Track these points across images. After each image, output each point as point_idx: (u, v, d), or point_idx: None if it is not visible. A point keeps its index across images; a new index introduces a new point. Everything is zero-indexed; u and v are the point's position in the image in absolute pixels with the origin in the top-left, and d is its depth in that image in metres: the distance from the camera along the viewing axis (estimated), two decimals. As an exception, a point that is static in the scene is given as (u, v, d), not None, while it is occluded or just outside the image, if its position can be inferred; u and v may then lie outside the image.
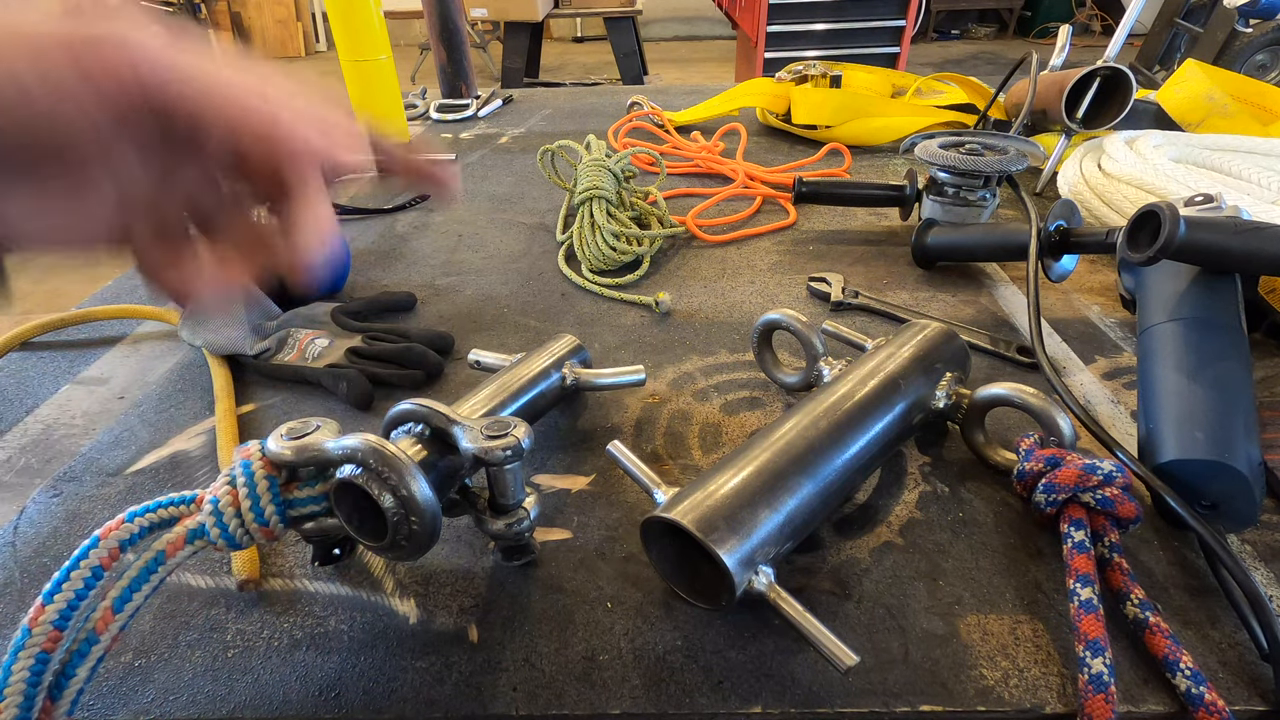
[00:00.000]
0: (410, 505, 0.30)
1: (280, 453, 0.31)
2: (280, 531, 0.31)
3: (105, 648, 0.30)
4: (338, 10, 0.93)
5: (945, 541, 0.38)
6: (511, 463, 0.33)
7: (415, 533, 0.30)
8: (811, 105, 0.98)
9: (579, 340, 0.47)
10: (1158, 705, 0.30)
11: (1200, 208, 0.49)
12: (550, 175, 0.76)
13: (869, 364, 0.42)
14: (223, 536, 0.30)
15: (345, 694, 0.31)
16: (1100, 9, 5.24)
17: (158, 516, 0.31)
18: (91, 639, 0.29)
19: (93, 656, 0.29)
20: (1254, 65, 2.73)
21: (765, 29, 2.71)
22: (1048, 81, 0.79)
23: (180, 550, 0.30)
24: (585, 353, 0.47)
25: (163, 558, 0.30)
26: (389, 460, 0.29)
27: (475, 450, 0.32)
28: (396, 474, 0.29)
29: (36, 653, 0.26)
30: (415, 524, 0.30)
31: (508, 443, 0.32)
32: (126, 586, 0.30)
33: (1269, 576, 0.36)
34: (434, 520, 0.30)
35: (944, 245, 0.64)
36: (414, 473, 0.30)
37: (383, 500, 0.30)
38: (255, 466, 0.31)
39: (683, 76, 5.00)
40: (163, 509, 0.31)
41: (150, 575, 0.30)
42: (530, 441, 0.33)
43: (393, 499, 0.30)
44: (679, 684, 0.31)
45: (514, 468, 0.34)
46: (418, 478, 0.30)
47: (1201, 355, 0.41)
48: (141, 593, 0.30)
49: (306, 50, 6.07)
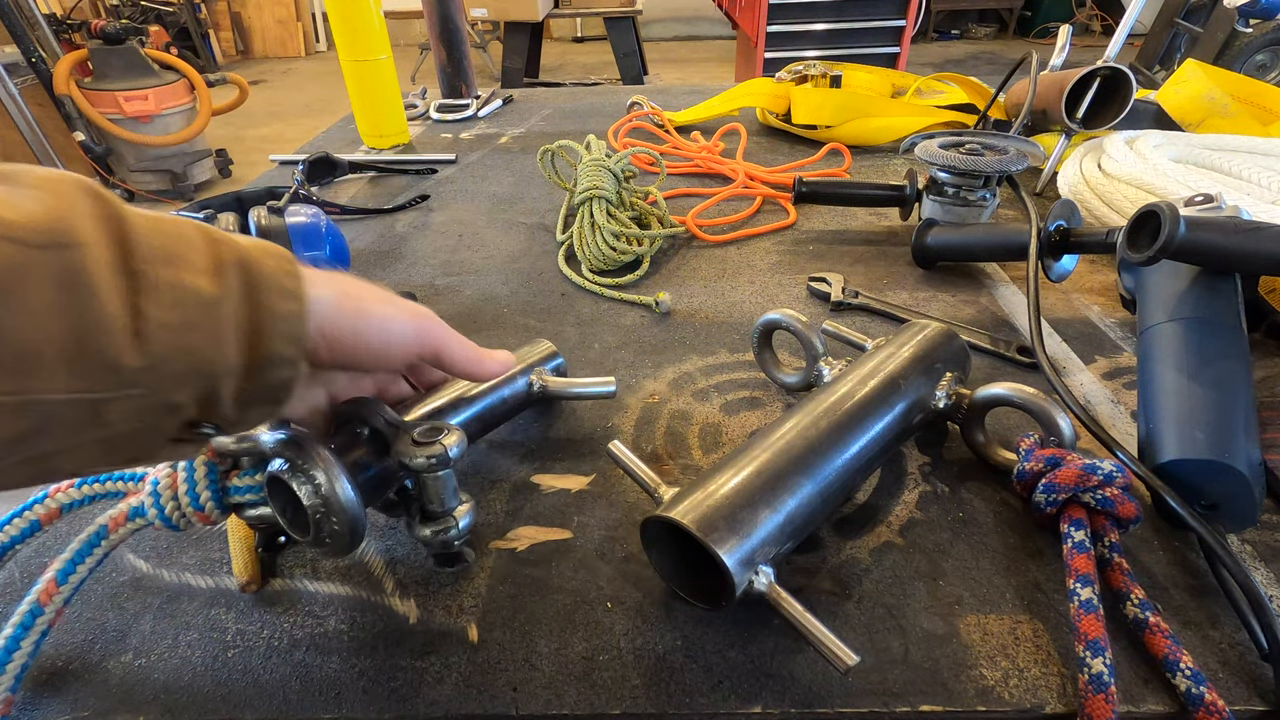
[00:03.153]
0: (331, 504, 0.29)
1: (223, 442, 0.32)
2: (217, 517, 0.32)
3: (50, 620, 0.30)
4: (338, 10, 0.93)
5: (945, 541, 0.38)
6: (436, 470, 0.32)
7: (336, 532, 0.30)
8: (811, 105, 0.98)
9: (556, 347, 0.47)
10: (1158, 705, 0.30)
11: (1200, 208, 0.49)
12: (550, 175, 0.76)
13: (869, 364, 0.42)
14: (160, 517, 0.31)
15: (345, 694, 0.31)
16: (1100, 9, 5.24)
17: (104, 489, 0.33)
18: (35, 610, 0.30)
19: (36, 628, 0.30)
20: (1254, 65, 2.73)
21: (765, 29, 2.71)
22: (1048, 81, 0.79)
23: (122, 526, 0.31)
24: (560, 359, 0.46)
25: (105, 531, 0.31)
26: (311, 457, 0.30)
27: (400, 456, 0.32)
28: (319, 471, 0.29)
29: None
30: (336, 523, 0.30)
31: (433, 451, 0.32)
32: (69, 559, 0.31)
33: (1269, 576, 0.36)
34: (354, 520, 0.30)
35: (944, 245, 0.64)
36: (337, 473, 0.29)
37: (304, 496, 0.30)
38: (196, 459, 0.32)
39: (683, 76, 5.00)
40: (111, 482, 0.33)
41: (93, 549, 0.31)
42: (460, 450, 0.32)
43: (314, 496, 0.30)
44: (679, 684, 0.31)
45: (443, 475, 0.33)
46: (340, 478, 0.29)
47: (1201, 355, 0.41)
48: (85, 565, 0.31)
49: (306, 50, 6.07)
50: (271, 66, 5.77)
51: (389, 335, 0.32)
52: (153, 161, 3.07)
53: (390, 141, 1.05)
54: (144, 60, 2.93)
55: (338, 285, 0.30)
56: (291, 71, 5.62)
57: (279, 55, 6.05)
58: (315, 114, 4.45)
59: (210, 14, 5.53)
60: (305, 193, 0.67)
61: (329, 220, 0.62)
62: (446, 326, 0.35)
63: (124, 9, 4.39)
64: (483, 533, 0.39)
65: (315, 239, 0.59)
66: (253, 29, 5.99)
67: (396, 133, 1.05)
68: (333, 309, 0.29)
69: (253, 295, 0.25)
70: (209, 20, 5.45)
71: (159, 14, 4.62)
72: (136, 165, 3.08)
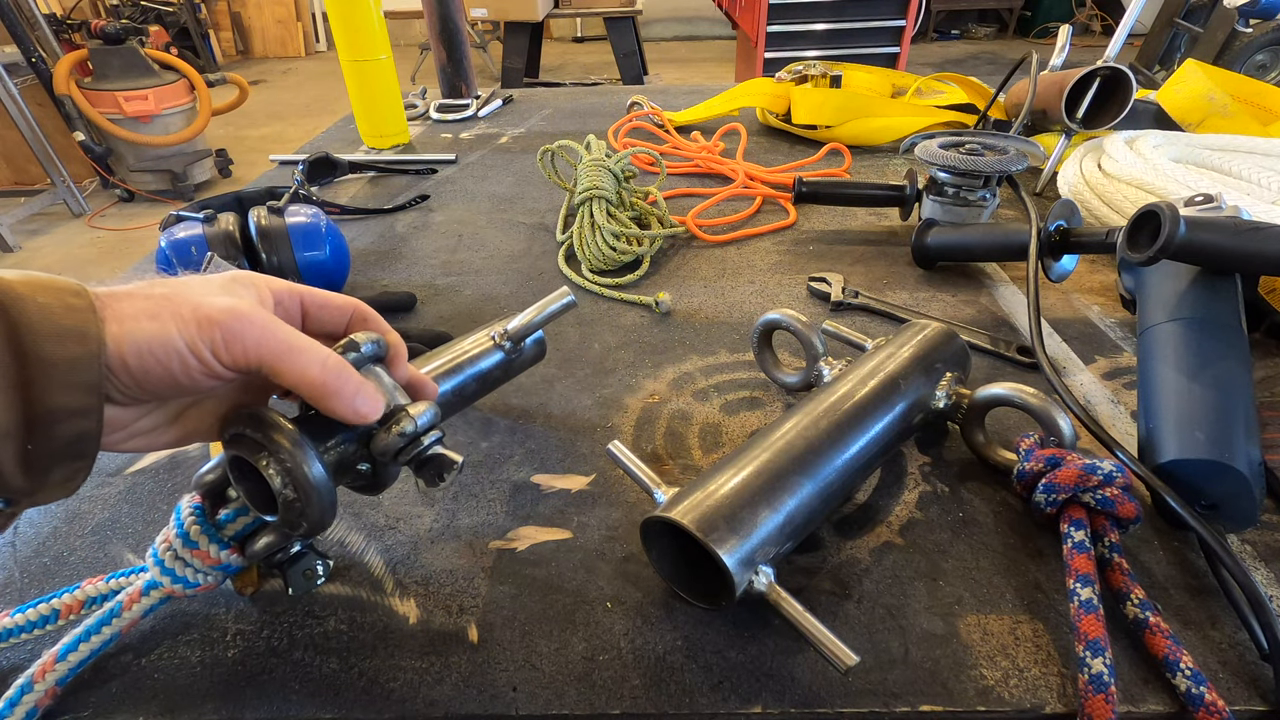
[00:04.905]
0: (298, 481, 0.27)
1: (201, 477, 0.31)
2: (225, 555, 0.31)
3: (37, 699, 0.28)
4: (338, 10, 0.93)
5: (945, 541, 0.38)
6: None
7: (304, 509, 0.28)
8: (811, 105, 0.98)
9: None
10: (1158, 705, 0.30)
11: (1200, 208, 0.49)
12: (550, 175, 0.76)
13: (869, 364, 0.42)
14: (175, 582, 0.31)
15: (345, 694, 0.31)
16: (1100, 9, 5.24)
17: (127, 582, 0.32)
18: (26, 686, 0.28)
19: (22, 706, 0.28)
20: (1254, 65, 2.73)
21: (765, 29, 2.70)
22: (1048, 81, 0.79)
23: (137, 602, 0.31)
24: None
25: (119, 609, 0.30)
26: (261, 424, 0.28)
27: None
28: (262, 433, 0.28)
29: None
30: (298, 499, 0.28)
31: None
32: (77, 635, 0.30)
33: (1269, 576, 0.36)
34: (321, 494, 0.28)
35: (944, 245, 0.64)
36: (282, 429, 0.28)
37: (261, 465, 0.28)
38: (183, 502, 0.31)
39: (683, 76, 5.00)
40: (134, 574, 0.32)
41: (102, 626, 0.30)
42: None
43: (283, 477, 0.28)
44: (679, 684, 0.31)
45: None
46: (283, 429, 0.27)
47: (1201, 355, 0.41)
48: (89, 643, 0.30)
49: (306, 50, 6.06)
50: (271, 66, 5.77)
51: (176, 353, 0.25)
52: (153, 161, 3.07)
53: (390, 141, 1.05)
54: (144, 60, 2.93)
55: (147, 304, 0.25)
56: (291, 71, 5.62)
57: (279, 55, 6.05)
58: (315, 114, 4.45)
59: (210, 14, 5.53)
60: (305, 193, 0.67)
61: (329, 220, 0.62)
62: (287, 331, 0.28)
63: (124, 9, 4.39)
64: (483, 533, 0.39)
65: (315, 239, 0.59)
66: (253, 29, 5.99)
67: (396, 133, 1.05)
68: (139, 337, 0.25)
69: (16, 343, 0.22)
70: (209, 20, 5.44)
71: (159, 14, 4.61)
72: (136, 165, 3.08)
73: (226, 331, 0.26)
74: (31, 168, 3.06)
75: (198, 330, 0.25)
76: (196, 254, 0.56)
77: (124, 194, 3.17)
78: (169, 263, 0.56)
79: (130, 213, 3.11)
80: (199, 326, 0.25)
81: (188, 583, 0.31)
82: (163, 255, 0.56)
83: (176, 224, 0.59)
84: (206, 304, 0.26)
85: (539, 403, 0.50)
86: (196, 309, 0.26)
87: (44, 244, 2.88)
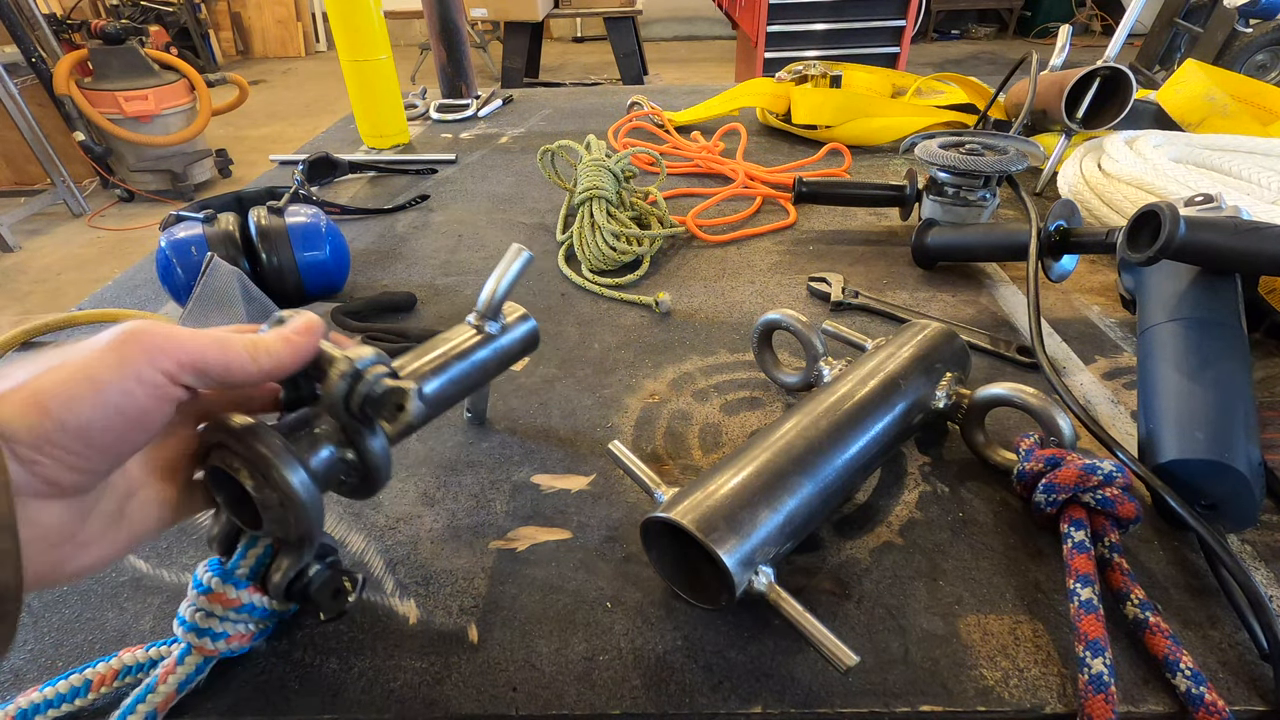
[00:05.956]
0: (281, 490, 0.27)
1: (209, 532, 0.31)
2: (246, 595, 0.30)
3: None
4: (338, 10, 0.93)
5: (945, 541, 0.38)
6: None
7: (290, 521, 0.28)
8: (811, 105, 0.98)
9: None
10: (1158, 705, 0.30)
11: (1200, 208, 0.49)
12: (550, 175, 0.76)
13: (869, 364, 0.42)
14: (201, 637, 0.30)
15: (345, 694, 0.31)
16: (1100, 9, 5.24)
17: (158, 654, 0.32)
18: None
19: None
20: (1254, 65, 2.73)
21: (765, 29, 2.71)
22: (1048, 81, 0.79)
23: (172, 673, 0.30)
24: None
25: (154, 684, 0.30)
26: (220, 427, 0.27)
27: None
28: (225, 433, 0.27)
29: None
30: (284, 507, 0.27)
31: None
32: (117, 714, 0.29)
33: (1269, 576, 0.36)
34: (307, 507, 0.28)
35: (944, 245, 0.64)
36: (239, 422, 0.27)
37: (231, 468, 0.27)
38: (199, 566, 0.31)
39: (683, 76, 5.00)
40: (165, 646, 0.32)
41: (138, 704, 0.29)
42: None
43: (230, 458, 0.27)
44: (679, 684, 0.31)
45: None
46: (240, 422, 0.27)
47: (1201, 355, 0.41)
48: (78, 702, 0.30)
49: (306, 50, 6.07)
50: (271, 66, 5.77)
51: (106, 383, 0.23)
52: (153, 161, 3.07)
53: (390, 141, 1.05)
54: (144, 60, 2.93)
55: (41, 363, 0.23)
56: (291, 71, 5.62)
57: (279, 55, 6.05)
58: (315, 114, 4.45)
59: (210, 14, 5.53)
60: (305, 193, 0.67)
61: (329, 220, 0.62)
62: (183, 330, 0.26)
63: (124, 9, 4.39)
64: (483, 533, 0.39)
65: (315, 239, 0.59)
66: (253, 29, 5.99)
67: (396, 133, 1.05)
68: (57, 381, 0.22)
69: None
70: (209, 20, 5.44)
71: (159, 14, 4.61)
72: (136, 165, 3.08)
73: (137, 342, 0.24)
74: (31, 168, 3.06)
75: (113, 353, 0.24)
76: (196, 254, 0.56)
77: (124, 194, 3.17)
78: (169, 263, 0.56)
79: (130, 213, 3.11)
80: (111, 350, 0.24)
81: (214, 634, 0.30)
82: (163, 255, 0.56)
83: (176, 224, 0.59)
84: (98, 338, 0.24)
85: (539, 403, 0.50)
86: (94, 342, 0.24)
87: (44, 244, 2.88)
